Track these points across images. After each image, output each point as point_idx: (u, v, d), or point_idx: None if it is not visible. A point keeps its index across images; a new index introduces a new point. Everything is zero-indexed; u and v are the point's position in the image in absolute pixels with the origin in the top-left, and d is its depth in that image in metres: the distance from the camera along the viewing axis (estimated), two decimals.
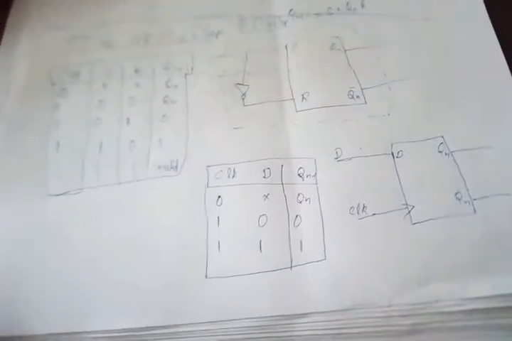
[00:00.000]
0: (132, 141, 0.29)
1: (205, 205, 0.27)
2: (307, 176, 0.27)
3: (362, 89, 0.30)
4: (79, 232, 0.27)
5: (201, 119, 0.30)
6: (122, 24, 0.33)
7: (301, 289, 0.24)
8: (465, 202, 0.26)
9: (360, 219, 0.26)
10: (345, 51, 0.31)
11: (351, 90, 0.30)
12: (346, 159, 0.27)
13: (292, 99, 0.30)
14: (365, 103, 0.29)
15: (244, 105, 0.30)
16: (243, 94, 0.30)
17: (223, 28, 0.33)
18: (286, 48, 0.32)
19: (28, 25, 0.34)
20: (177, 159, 0.28)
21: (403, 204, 0.26)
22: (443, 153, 0.27)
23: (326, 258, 0.25)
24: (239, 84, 0.31)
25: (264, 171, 0.27)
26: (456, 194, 0.26)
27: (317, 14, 0.33)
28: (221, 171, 0.28)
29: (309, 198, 0.26)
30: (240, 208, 0.27)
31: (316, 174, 0.27)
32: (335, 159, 0.27)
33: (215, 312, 0.24)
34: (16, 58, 0.33)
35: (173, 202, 0.27)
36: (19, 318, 0.25)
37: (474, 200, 0.26)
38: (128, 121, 0.30)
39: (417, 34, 0.31)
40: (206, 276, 0.25)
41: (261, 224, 0.26)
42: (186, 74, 0.31)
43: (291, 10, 0.33)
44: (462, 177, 0.26)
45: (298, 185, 0.27)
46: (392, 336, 0.23)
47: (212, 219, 0.26)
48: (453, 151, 0.27)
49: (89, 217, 0.27)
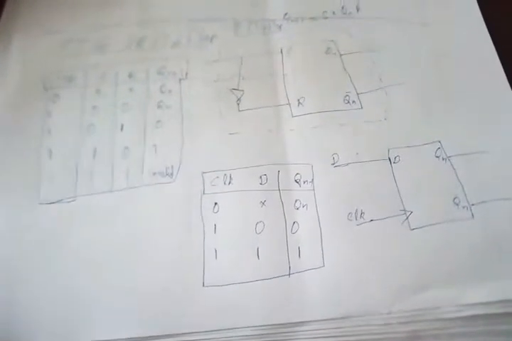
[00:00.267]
0: (126, 148, 0.29)
1: (201, 212, 0.27)
2: (304, 182, 0.27)
3: (358, 93, 0.29)
4: (73, 242, 0.26)
5: (196, 125, 0.29)
6: (117, 28, 0.33)
7: (299, 297, 0.24)
8: (463, 208, 0.26)
9: (358, 225, 0.26)
10: (340, 55, 0.31)
11: (347, 95, 0.29)
12: (343, 165, 0.27)
13: (288, 104, 0.29)
14: (361, 108, 0.29)
15: (239, 110, 0.30)
16: (238, 99, 0.30)
17: (218, 32, 0.32)
18: (281, 52, 0.31)
19: (21, 28, 0.33)
20: (172, 165, 0.28)
21: (401, 210, 0.26)
22: (440, 158, 0.27)
23: (325, 265, 0.25)
24: (234, 89, 0.30)
25: (260, 177, 0.27)
26: (454, 199, 0.26)
27: (312, 18, 0.32)
28: (217, 178, 0.27)
29: (306, 204, 0.26)
30: (237, 215, 0.26)
31: (313, 180, 0.27)
32: (332, 165, 0.27)
33: (213, 321, 0.24)
34: (8, 62, 0.32)
35: (168, 210, 0.27)
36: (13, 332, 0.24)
37: (472, 205, 0.26)
38: (122, 127, 0.29)
39: (413, 38, 0.31)
40: (203, 285, 0.25)
41: (258, 231, 0.26)
42: (181, 79, 0.31)
43: (286, 14, 0.33)
44: (460, 182, 0.26)
45: (295, 192, 0.27)
46: None
47: (208, 226, 0.26)
48: (450, 156, 0.27)
49: (83, 226, 0.27)
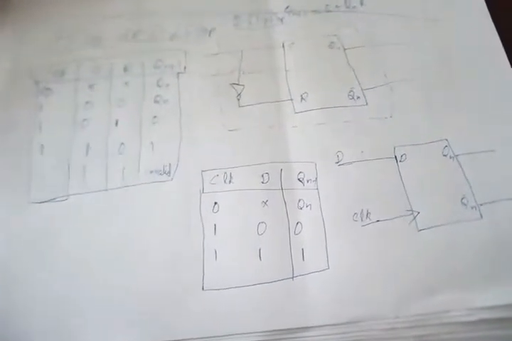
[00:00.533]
0: (122, 144, 0.28)
1: (200, 212, 0.26)
2: (307, 181, 0.26)
3: (362, 89, 0.29)
4: (65, 243, 0.25)
5: (194, 121, 0.28)
6: (112, 19, 0.32)
7: (302, 301, 0.23)
8: (471, 208, 0.25)
9: (363, 225, 0.25)
10: (344, 50, 0.30)
11: (351, 91, 0.28)
12: (347, 163, 0.26)
13: (290, 100, 0.29)
14: (366, 104, 0.28)
15: (239, 106, 0.29)
16: (238, 95, 0.29)
17: (217, 25, 0.31)
18: (283, 46, 0.30)
19: (12, 20, 0.32)
20: (170, 163, 0.27)
21: (408, 210, 0.25)
22: (447, 157, 0.26)
23: (329, 267, 0.24)
24: (234, 83, 0.29)
25: (262, 176, 0.26)
26: (462, 199, 0.25)
27: (314, 11, 0.31)
28: (217, 176, 0.26)
29: (310, 204, 0.25)
30: (238, 215, 0.25)
31: (317, 179, 0.26)
32: (336, 163, 0.26)
33: (213, 326, 0.23)
34: None
35: (166, 209, 0.26)
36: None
37: (481, 205, 0.25)
38: (116, 123, 0.28)
39: (418, 33, 0.30)
40: (203, 288, 0.24)
41: (260, 232, 0.25)
42: (179, 72, 0.30)
43: (287, 6, 0.32)
44: (468, 181, 0.26)
45: (298, 191, 0.26)
46: None
47: (208, 226, 0.25)
48: (458, 155, 0.26)
49: (76, 227, 0.26)
